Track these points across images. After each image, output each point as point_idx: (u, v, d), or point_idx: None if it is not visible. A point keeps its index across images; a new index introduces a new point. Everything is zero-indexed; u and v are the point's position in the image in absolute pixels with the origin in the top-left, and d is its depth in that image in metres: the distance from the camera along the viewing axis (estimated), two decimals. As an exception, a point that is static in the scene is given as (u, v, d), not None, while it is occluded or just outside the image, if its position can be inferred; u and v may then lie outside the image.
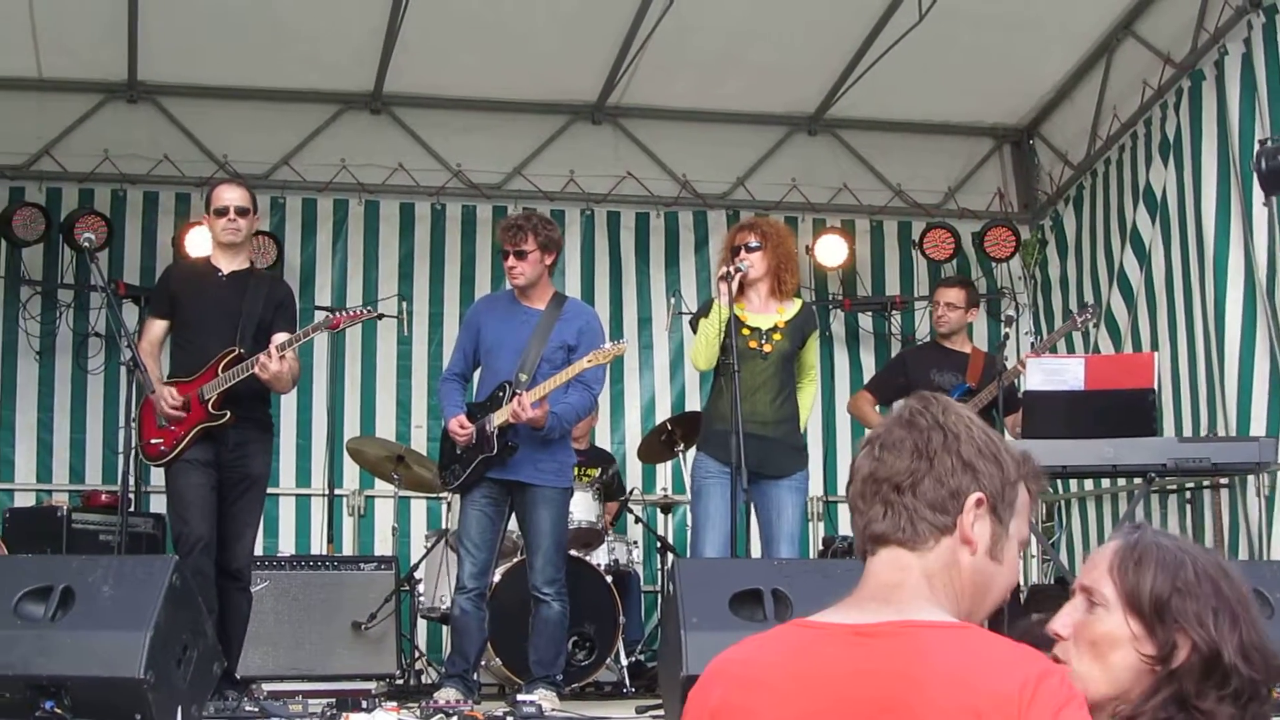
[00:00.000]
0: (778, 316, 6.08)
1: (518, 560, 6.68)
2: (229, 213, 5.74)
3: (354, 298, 8.63)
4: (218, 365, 5.61)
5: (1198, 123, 7.33)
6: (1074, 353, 8.01)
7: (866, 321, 9.40)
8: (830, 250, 9.06)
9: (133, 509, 7.12)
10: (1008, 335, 6.71)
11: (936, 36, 7.53)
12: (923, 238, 9.12)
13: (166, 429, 5.61)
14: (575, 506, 6.74)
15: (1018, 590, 6.55)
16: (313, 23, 7.88)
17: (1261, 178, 5.95)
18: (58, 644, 4.24)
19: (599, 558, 7.27)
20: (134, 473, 6.86)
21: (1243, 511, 6.91)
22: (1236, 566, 2.11)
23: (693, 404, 8.77)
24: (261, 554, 6.82)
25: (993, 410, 6.61)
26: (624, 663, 7.11)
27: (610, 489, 7.74)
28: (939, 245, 9.09)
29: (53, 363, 8.45)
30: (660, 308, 9.08)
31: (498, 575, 6.61)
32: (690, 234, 9.31)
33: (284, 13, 7.75)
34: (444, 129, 8.95)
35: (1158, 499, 7.65)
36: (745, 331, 5.98)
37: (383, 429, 8.62)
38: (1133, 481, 7.40)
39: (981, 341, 8.55)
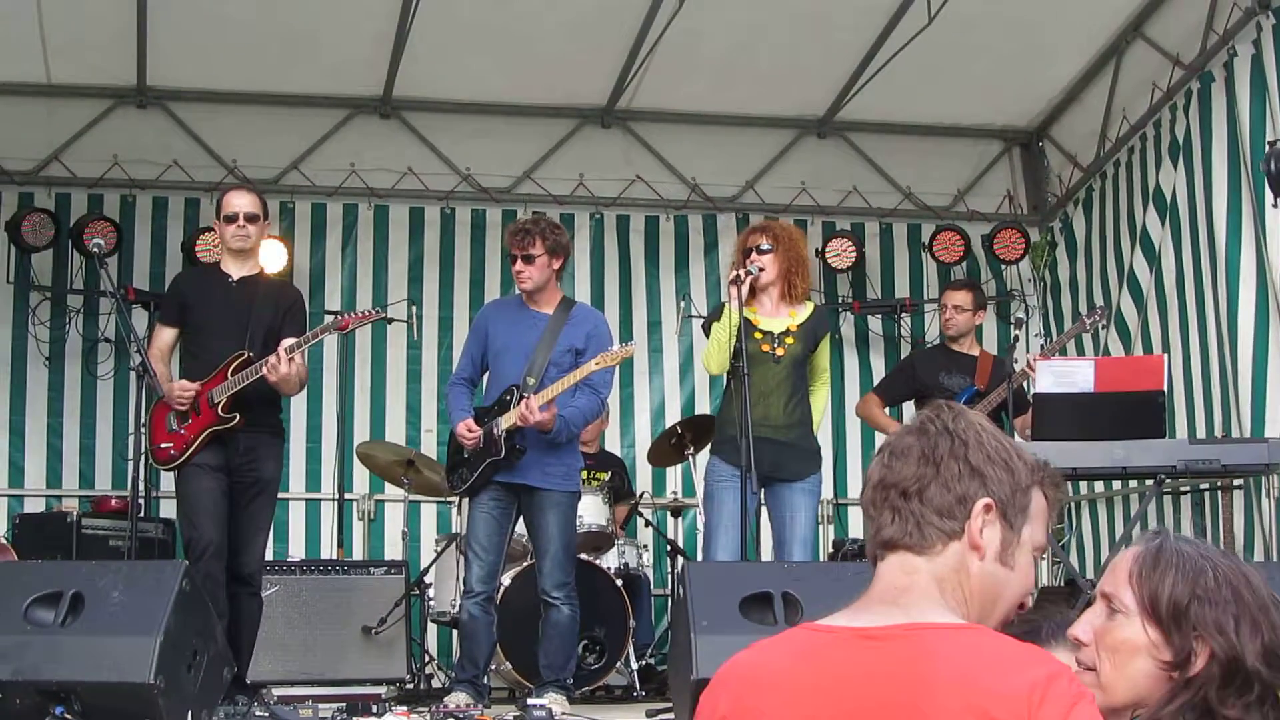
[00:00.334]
0: (790, 320, 6.03)
1: (527, 564, 6.67)
2: (238, 219, 5.77)
3: (364, 302, 8.60)
4: (227, 369, 5.64)
5: (1207, 124, 7.31)
6: (1084, 355, 8.00)
7: (876, 324, 9.37)
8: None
9: (143, 514, 7.12)
10: (1017, 337, 6.71)
11: (946, 39, 7.51)
12: (932, 240, 9.12)
13: (176, 433, 5.63)
14: (585, 510, 6.75)
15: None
16: (322, 27, 7.87)
17: (1271, 179, 5.94)
18: (68, 649, 4.24)
19: (609, 561, 7.26)
20: (144, 478, 6.86)
21: (1257, 513, 6.89)
22: (1259, 571, 2.10)
23: (702, 407, 8.78)
24: (271, 559, 6.84)
25: (1002, 413, 6.60)
26: (634, 666, 7.11)
27: (619, 493, 7.74)
28: (948, 248, 9.08)
29: (62, 368, 8.46)
30: (670, 311, 9.08)
31: (507, 579, 6.61)
32: (700, 237, 9.29)
33: (293, 17, 7.74)
34: (453, 133, 8.94)
35: (1170, 501, 7.63)
36: (757, 335, 5.94)
37: (393, 433, 8.62)
38: (1143, 484, 7.38)
39: (991, 344, 8.53)
